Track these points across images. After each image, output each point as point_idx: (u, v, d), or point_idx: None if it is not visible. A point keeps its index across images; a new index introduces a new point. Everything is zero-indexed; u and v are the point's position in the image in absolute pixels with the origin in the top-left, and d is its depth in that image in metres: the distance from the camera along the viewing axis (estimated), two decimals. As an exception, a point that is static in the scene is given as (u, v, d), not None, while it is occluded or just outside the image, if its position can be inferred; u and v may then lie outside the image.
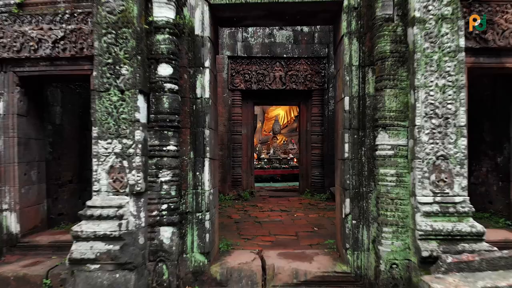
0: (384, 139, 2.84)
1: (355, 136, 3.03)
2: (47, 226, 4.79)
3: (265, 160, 12.67)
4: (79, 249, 2.69)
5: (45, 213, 4.75)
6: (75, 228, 2.76)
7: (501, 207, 4.86)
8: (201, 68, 3.10)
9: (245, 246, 3.77)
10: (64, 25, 4.04)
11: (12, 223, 4.23)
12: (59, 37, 4.03)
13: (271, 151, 13.31)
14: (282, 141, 14.25)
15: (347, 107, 3.05)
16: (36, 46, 4.06)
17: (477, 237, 2.66)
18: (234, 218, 5.35)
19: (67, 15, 4.04)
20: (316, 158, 7.57)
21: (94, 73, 2.83)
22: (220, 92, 6.96)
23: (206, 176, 3.12)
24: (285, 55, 7.31)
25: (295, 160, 12.14)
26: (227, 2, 3.05)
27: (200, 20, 3.07)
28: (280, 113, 15.14)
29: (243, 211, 5.97)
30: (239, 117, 7.64)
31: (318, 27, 7.38)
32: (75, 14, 4.03)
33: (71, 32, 4.03)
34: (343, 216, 3.11)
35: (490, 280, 2.32)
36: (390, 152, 2.82)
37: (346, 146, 3.06)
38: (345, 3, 3.02)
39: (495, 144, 5.04)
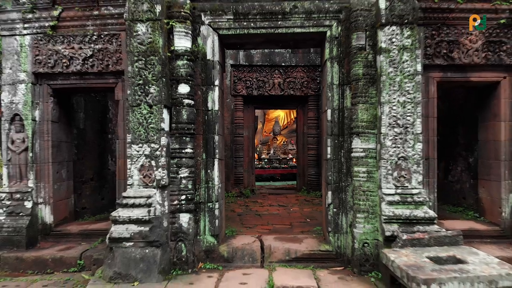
0: (357, 144, 3.66)
1: (336, 141, 3.85)
2: (74, 218, 5.63)
3: (266, 160, 13.49)
4: (117, 230, 3.50)
5: (72, 206, 5.59)
6: (114, 213, 3.57)
7: (472, 202, 5.67)
8: (211, 86, 3.92)
9: (247, 233, 4.59)
10: (92, 45, 4.88)
11: (46, 214, 5.07)
12: (88, 55, 4.87)
13: (271, 152, 14.14)
14: (282, 142, 15.08)
15: (329, 118, 3.86)
16: (68, 63, 4.90)
17: (430, 221, 3.47)
18: (237, 211, 6.18)
19: (95, 36, 4.88)
20: (312, 158, 8.38)
21: (128, 91, 3.64)
22: (224, 98, 7.78)
23: (216, 173, 3.94)
24: (283, 64, 8.13)
25: (294, 160, 12.94)
26: (233, 33, 3.87)
27: (211, 47, 3.89)
28: (281, 114, 15.97)
29: (245, 206, 6.80)
30: (241, 121, 8.46)
31: (314, 37, 8.18)
32: (102, 36, 4.88)
33: (99, 51, 4.87)
34: (327, 205, 3.93)
35: (434, 252, 3.13)
36: (362, 154, 3.63)
37: (329, 149, 3.88)
38: (328, 33, 3.84)
39: (468, 146, 5.85)
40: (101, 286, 3.36)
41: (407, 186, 3.49)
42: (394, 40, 3.51)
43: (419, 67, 3.57)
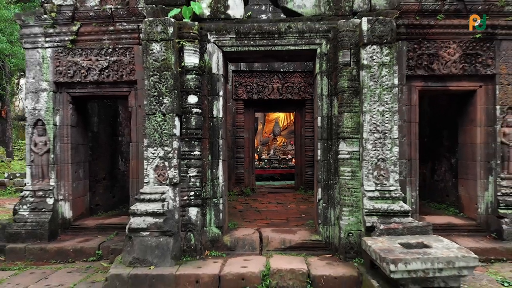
0: (343, 147, 4.29)
1: (325, 144, 4.49)
2: (89, 214, 6.28)
3: (266, 160, 14.14)
4: (135, 222, 4.14)
5: (88, 203, 6.24)
6: (133, 207, 4.21)
7: (454, 199, 6.30)
8: (216, 96, 4.56)
9: (247, 226, 5.23)
10: (108, 57, 5.54)
11: (66, 210, 5.73)
12: (104, 66, 5.53)
13: (271, 152, 14.79)
14: (282, 143, 15.72)
15: (319, 124, 4.50)
16: (86, 73, 5.55)
17: (405, 214, 4.10)
18: (238, 208, 6.82)
19: (110, 49, 5.53)
20: (309, 159, 9.02)
21: (145, 102, 4.27)
22: (226, 105, 8.43)
23: (220, 172, 4.58)
24: (282, 69, 8.76)
25: (293, 160, 13.58)
26: (235, 50, 4.51)
27: (216, 62, 4.53)
28: (280, 115, 16.60)
29: (246, 203, 7.44)
30: (242, 123, 9.10)
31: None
32: (116, 49, 5.53)
33: (114, 63, 5.53)
34: (317, 201, 4.57)
35: (406, 239, 3.76)
36: (347, 156, 4.27)
37: (319, 151, 4.51)
38: (318, 50, 4.48)
39: (450, 148, 6.48)
40: (122, 269, 4.00)
41: (385, 184, 4.13)
42: (374, 57, 4.15)
43: (396, 81, 4.20)
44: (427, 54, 5.31)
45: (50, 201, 5.53)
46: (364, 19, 4.16)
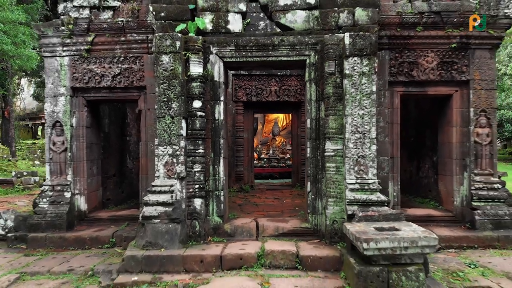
0: (329, 146, 5.03)
1: (314, 143, 5.22)
2: (102, 207, 7.03)
3: (265, 159, 14.88)
4: (148, 211, 4.88)
5: (100, 197, 6.99)
6: (145, 198, 4.95)
7: (435, 194, 7.03)
8: (218, 101, 5.30)
9: (245, 216, 5.97)
10: (120, 65, 6.29)
11: (82, 203, 6.47)
12: (116, 73, 6.27)
13: (271, 151, 15.53)
14: (281, 142, 16.47)
15: (308, 125, 5.24)
16: (99, 79, 6.30)
17: (381, 203, 4.83)
18: (238, 203, 7.56)
19: (121, 58, 6.28)
20: (305, 157, 9.75)
21: (156, 107, 5.01)
22: (227, 108, 9.19)
23: (221, 168, 5.32)
24: (279, 73, 9.50)
25: (292, 159, 14.32)
26: (235, 60, 5.26)
27: (217, 71, 5.27)
28: (280, 116, 17.34)
29: (245, 199, 8.18)
30: (241, 124, 9.84)
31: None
32: (127, 57, 6.28)
33: (125, 70, 6.28)
34: (307, 193, 5.31)
35: (380, 224, 4.48)
36: (332, 153, 5.01)
37: (308, 149, 5.25)
38: (307, 61, 5.21)
39: (432, 147, 7.21)
40: (136, 251, 4.74)
41: (365, 178, 4.87)
42: (355, 68, 4.88)
43: (374, 88, 4.93)
44: (408, 62, 6.06)
45: (67, 195, 6.27)
46: (347, 34, 4.90)
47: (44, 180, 6.54)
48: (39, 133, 30.36)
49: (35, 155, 19.49)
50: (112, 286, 4.41)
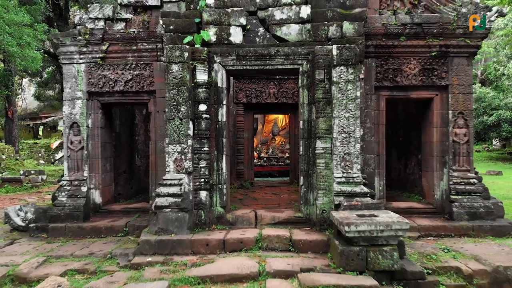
0: (319, 144, 5.85)
1: (306, 142, 6.05)
2: (114, 201, 7.86)
3: (265, 158, 15.72)
4: (160, 201, 5.71)
5: (112, 192, 7.83)
6: (157, 190, 5.78)
7: (420, 189, 7.84)
8: (221, 104, 6.13)
9: (245, 208, 6.80)
10: (131, 71, 7.12)
11: (97, 197, 7.30)
12: (128, 79, 7.10)
13: (270, 151, 16.37)
14: (280, 142, 17.30)
15: (301, 126, 6.07)
16: (113, 84, 7.12)
17: (364, 195, 5.65)
18: (238, 197, 8.39)
19: (133, 65, 7.11)
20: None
21: (166, 110, 5.84)
22: (229, 111, 10.02)
23: (224, 164, 6.15)
24: (277, 76, 10.32)
25: (290, 158, 15.15)
26: (236, 68, 6.09)
27: (220, 78, 6.10)
28: (279, 116, 18.17)
29: (245, 194, 9.01)
30: (242, 124, 10.67)
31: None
32: (139, 64, 7.11)
33: (136, 76, 7.11)
34: (300, 186, 6.13)
35: (361, 212, 5.29)
36: (322, 151, 5.83)
37: (301, 148, 6.08)
38: (300, 69, 6.04)
39: (417, 146, 8.02)
40: (150, 236, 5.57)
41: (350, 172, 5.69)
42: (342, 75, 5.70)
43: (358, 94, 5.75)
44: (392, 69, 6.89)
45: (84, 189, 7.11)
46: (335, 46, 5.72)
47: (62, 176, 7.38)
48: (40, 133, 31.16)
49: (40, 155, 20.33)
50: (129, 266, 5.24)
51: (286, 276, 4.64)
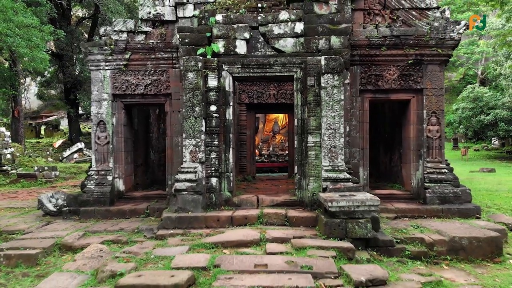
0: (310, 139, 7.38)
1: (300, 137, 7.58)
2: (133, 189, 9.41)
3: (266, 155, 17.26)
4: (178, 185, 7.24)
5: (132, 181, 9.38)
6: (177, 176, 7.31)
7: (400, 179, 9.37)
8: (228, 105, 7.67)
9: (249, 193, 8.34)
10: (150, 76, 8.67)
11: (120, 185, 8.85)
12: (148, 83, 8.64)
13: (271, 149, 17.91)
14: (280, 140, 18.85)
15: (296, 124, 7.60)
16: (134, 88, 8.67)
17: (347, 180, 7.17)
18: (242, 187, 9.92)
19: (152, 71, 8.66)
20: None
21: (183, 110, 7.38)
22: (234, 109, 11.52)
23: (231, 156, 7.69)
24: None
25: (288, 154, 16.68)
26: (240, 75, 7.63)
27: (228, 84, 7.64)
28: (280, 115, 19.71)
29: (247, 185, 10.54)
30: (244, 123, 12.20)
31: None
32: (157, 71, 8.66)
33: (154, 81, 8.65)
34: (295, 174, 7.67)
35: (343, 193, 6.81)
36: (313, 144, 7.36)
37: (296, 142, 7.61)
38: (295, 76, 7.57)
39: (400, 141, 9.53)
40: (171, 214, 7.10)
41: (335, 162, 7.21)
42: (329, 81, 7.23)
43: (342, 97, 7.27)
44: (375, 74, 8.42)
45: (109, 178, 8.65)
46: (323, 57, 7.26)
47: (90, 167, 8.92)
48: (42, 132, 32.65)
49: (48, 153, 21.87)
50: (154, 237, 6.77)
51: (281, 241, 6.17)
